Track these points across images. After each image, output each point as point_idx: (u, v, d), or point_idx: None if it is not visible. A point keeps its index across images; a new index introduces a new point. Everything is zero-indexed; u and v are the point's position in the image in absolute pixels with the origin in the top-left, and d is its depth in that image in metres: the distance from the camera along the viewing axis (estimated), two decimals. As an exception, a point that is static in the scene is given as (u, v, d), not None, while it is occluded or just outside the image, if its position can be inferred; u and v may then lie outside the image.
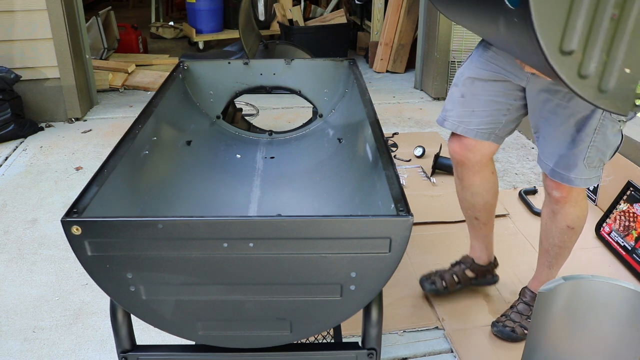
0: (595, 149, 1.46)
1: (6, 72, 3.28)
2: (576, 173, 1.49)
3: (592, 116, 1.41)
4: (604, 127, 1.43)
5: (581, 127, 1.43)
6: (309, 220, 0.92)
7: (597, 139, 1.44)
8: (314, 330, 1.08)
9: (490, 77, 1.55)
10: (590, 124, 1.43)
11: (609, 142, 1.46)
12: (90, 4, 6.46)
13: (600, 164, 1.50)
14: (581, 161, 1.47)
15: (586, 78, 1.12)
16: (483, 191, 1.73)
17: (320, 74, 1.94)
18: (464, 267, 1.88)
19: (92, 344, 1.77)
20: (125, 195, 1.21)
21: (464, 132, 1.62)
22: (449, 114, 1.64)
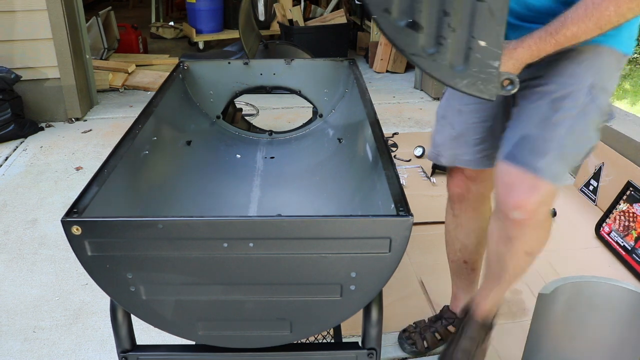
0: (574, 139, 1.21)
1: (6, 72, 3.28)
2: (546, 162, 1.19)
3: (574, 96, 1.20)
4: (587, 115, 1.21)
5: (559, 106, 1.20)
6: (309, 220, 0.92)
7: (577, 127, 1.20)
8: (314, 330, 1.08)
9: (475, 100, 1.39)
10: (571, 104, 1.20)
11: (589, 137, 1.23)
12: (90, 4, 6.46)
13: (573, 162, 1.25)
14: (555, 150, 1.20)
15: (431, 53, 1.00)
16: (478, 229, 1.60)
17: (320, 74, 1.94)
18: (446, 323, 1.72)
19: (92, 344, 1.77)
20: (126, 195, 1.21)
21: (463, 164, 1.49)
22: (441, 149, 1.51)
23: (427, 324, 1.75)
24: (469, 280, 1.68)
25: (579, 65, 1.21)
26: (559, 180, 1.22)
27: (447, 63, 1.01)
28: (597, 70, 1.21)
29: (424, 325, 1.75)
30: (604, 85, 1.22)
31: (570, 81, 1.21)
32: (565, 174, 1.24)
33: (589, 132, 1.23)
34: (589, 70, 1.21)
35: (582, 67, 1.21)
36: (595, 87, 1.20)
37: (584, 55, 1.21)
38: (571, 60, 1.22)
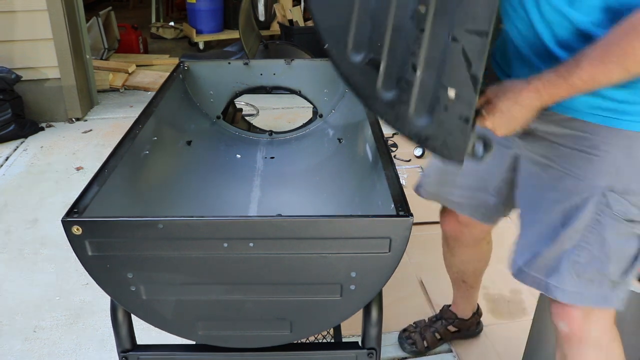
0: (588, 253, 1.05)
1: (7, 72, 3.28)
2: (556, 280, 1.08)
3: (584, 207, 1.03)
4: (601, 226, 1.03)
5: (568, 220, 1.06)
6: (309, 220, 0.92)
7: (591, 239, 1.04)
8: (314, 330, 1.08)
9: None
10: (580, 217, 1.04)
11: (610, 249, 1.04)
12: (91, 4, 6.46)
13: (604, 279, 1.06)
14: (565, 265, 1.07)
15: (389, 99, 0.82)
16: (475, 261, 1.57)
17: (320, 74, 1.94)
18: (446, 323, 1.73)
19: (93, 344, 1.77)
20: (126, 195, 1.21)
21: (447, 204, 1.42)
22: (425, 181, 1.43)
23: (427, 324, 1.76)
24: (468, 294, 1.69)
25: (590, 161, 1.02)
26: (581, 301, 1.07)
27: (407, 113, 0.84)
28: (617, 167, 1.01)
29: (424, 325, 1.76)
30: (628, 187, 1.01)
31: (581, 185, 1.04)
32: (594, 296, 1.07)
33: (608, 244, 1.04)
34: (605, 168, 1.02)
35: (595, 164, 1.02)
36: (615, 191, 1.01)
37: (601, 146, 1.01)
38: (584, 153, 1.03)
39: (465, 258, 1.57)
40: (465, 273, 1.61)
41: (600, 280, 1.06)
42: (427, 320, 1.78)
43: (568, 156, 1.06)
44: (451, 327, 1.73)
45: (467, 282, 1.64)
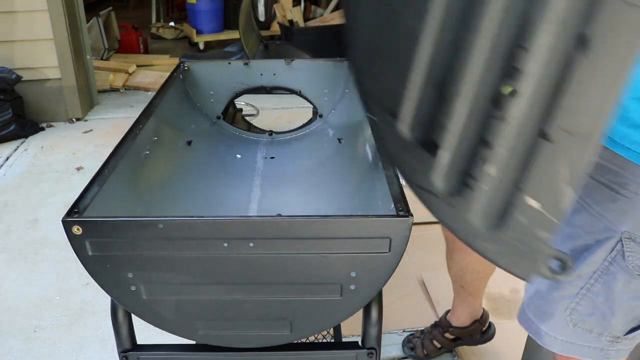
0: (590, 303, 0.93)
1: (7, 72, 3.28)
2: (549, 326, 0.98)
3: (595, 250, 0.90)
4: (610, 276, 0.90)
5: (577, 259, 0.93)
6: (309, 220, 0.92)
7: (596, 289, 0.92)
8: (314, 330, 1.08)
9: None
10: (588, 260, 0.91)
11: (617, 303, 0.92)
12: (91, 4, 6.46)
13: (604, 333, 0.95)
14: (561, 311, 0.96)
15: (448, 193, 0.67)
16: (474, 270, 1.51)
17: (320, 74, 1.94)
18: (442, 331, 1.69)
19: (93, 344, 1.77)
20: (126, 195, 1.21)
21: None
22: None
23: (429, 331, 1.73)
24: (466, 301, 1.64)
25: (613, 200, 0.88)
26: (571, 352, 0.97)
27: (470, 215, 0.68)
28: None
29: (427, 333, 1.74)
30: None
31: (597, 224, 0.90)
32: (588, 348, 0.96)
33: (616, 297, 0.91)
34: (629, 211, 0.87)
35: (619, 204, 0.87)
36: (635, 240, 0.87)
37: (631, 186, 0.86)
38: (609, 189, 0.88)
39: (463, 264, 1.53)
40: (463, 279, 1.57)
41: (599, 332, 0.95)
42: (430, 327, 1.76)
43: (591, 188, 0.92)
44: (448, 335, 1.69)
45: (465, 288, 1.60)
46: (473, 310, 1.66)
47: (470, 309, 1.65)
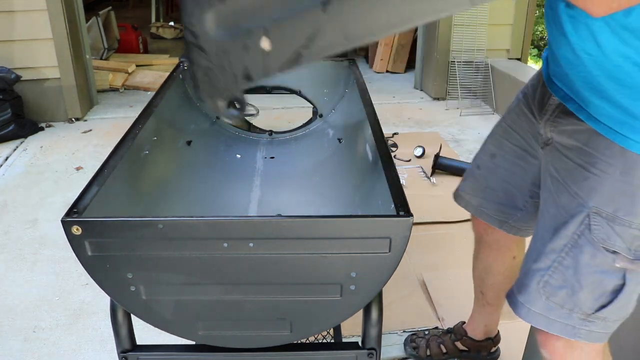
0: (561, 275, 1.00)
1: (6, 72, 3.28)
2: (525, 298, 1.05)
3: (567, 225, 0.99)
4: (578, 249, 0.98)
5: (553, 236, 1.02)
6: (309, 220, 0.92)
7: (566, 262, 1.00)
8: (314, 330, 1.08)
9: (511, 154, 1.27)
10: (561, 234, 1.00)
11: (583, 277, 0.98)
12: (91, 4, 6.46)
13: (574, 309, 1.00)
14: (535, 283, 1.03)
15: None
16: (496, 272, 1.50)
17: (320, 74, 1.94)
18: (455, 338, 1.68)
19: (93, 344, 1.77)
20: (126, 195, 1.21)
21: (474, 212, 1.40)
22: (461, 185, 1.42)
23: (437, 335, 1.72)
24: (485, 311, 1.61)
25: (585, 178, 0.99)
26: (542, 324, 1.03)
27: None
28: (610, 189, 0.96)
29: (434, 335, 1.73)
30: (615, 213, 0.95)
31: (573, 202, 1.00)
32: (558, 322, 1.02)
33: (581, 269, 0.98)
34: (597, 188, 0.97)
35: (589, 181, 0.98)
36: (600, 214, 0.96)
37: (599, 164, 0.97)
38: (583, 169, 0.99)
39: (487, 264, 1.50)
40: (485, 283, 1.54)
41: (570, 307, 1.01)
42: (440, 331, 1.74)
43: (570, 170, 1.03)
44: (459, 344, 1.67)
45: (485, 294, 1.57)
46: (489, 324, 1.64)
47: (486, 322, 1.63)
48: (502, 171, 1.30)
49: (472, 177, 1.38)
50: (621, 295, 0.98)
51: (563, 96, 1.05)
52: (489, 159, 1.33)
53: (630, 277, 0.98)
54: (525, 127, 1.22)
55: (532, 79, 1.25)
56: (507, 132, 1.28)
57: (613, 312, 1.00)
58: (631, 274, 0.98)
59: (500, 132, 1.31)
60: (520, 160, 1.25)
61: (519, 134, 1.25)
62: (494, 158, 1.31)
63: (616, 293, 0.98)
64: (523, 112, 1.23)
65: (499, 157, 1.30)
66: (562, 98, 1.06)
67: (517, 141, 1.25)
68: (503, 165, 1.29)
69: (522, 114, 1.24)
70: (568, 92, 1.04)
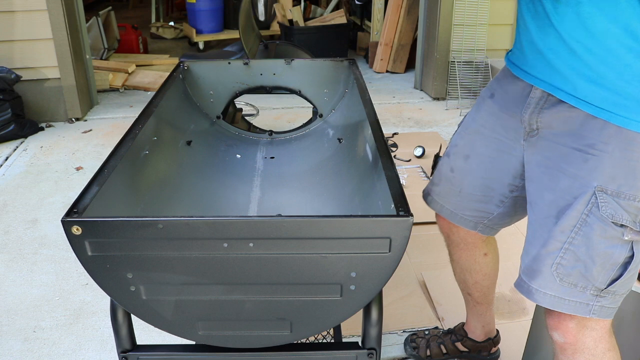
0: (573, 255, 1.03)
1: (6, 72, 3.28)
2: (539, 283, 1.07)
3: (573, 206, 1.02)
4: (588, 227, 1.01)
5: (558, 219, 1.04)
6: (309, 220, 0.92)
7: (577, 241, 1.02)
8: (314, 330, 1.08)
9: (487, 152, 1.27)
10: (568, 215, 1.03)
11: (595, 252, 1.01)
12: (91, 4, 6.46)
13: (587, 285, 1.04)
14: (548, 267, 1.05)
15: None
16: (472, 271, 1.50)
17: (320, 74, 1.94)
18: (455, 339, 1.67)
19: (93, 344, 1.77)
20: (126, 195, 1.21)
21: (447, 216, 1.38)
22: (433, 189, 1.40)
23: (437, 335, 1.72)
24: (476, 311, 1.61)
25: (585, 160, 1.02)
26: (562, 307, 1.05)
27: None
28: (612, 168, 0.99)
29: (434, 335, 1.72)
30: (620, 189, 0.99)
31: (574, 184, 1.03)
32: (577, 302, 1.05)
33: (594, 246, 1.01)
34: (599, 167, 1.00)
35: (590, 162, 1.01)
36: (606, 192, 1.00)
37: (598, 145, 1.00)
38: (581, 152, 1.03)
39: (463, 264, 1.51)
40: (467, 284, 1.54)
41: (584, 285, 1.04)
42: (440, 331, 1.74)
43: (565, 155, 1.06)
44: (460, 345, 1.67)
45: (472, 295, 1.57)
46: (487, 325, 1.64)
47: (482, 322, 1.63)
48: (478, 171, 1.30)
49: (445, 180, 1.37)
50: (630, 267, 1.03)
51: (547, 87, 1.07)
52: (463, 161, 1.32)
53: (637, 247, 1.02)
54: (499, 125, 1.23)
55: (498, 79, 1.26)
56: (479, 133, 1.28)
57: (622, 285, 1.04)
58: (638, 244, 1.02)
59: (471, 133, 1.31)
60: (496, 157, 1.26)
61: (493, 132, 1.25)
62: (467, 160, 1.31)
63: (626, 265, 1.02)
64: (494, 112, 1.24)
65: (473, 157, 1.30)
66: (547, 89, 1.07)
67: (491, 140, 1.26)
68: (478, 165, 1.29)
69: (493, 112, 1.25)
70: (553, 82, 1.05)
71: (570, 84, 1.03)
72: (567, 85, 1.03)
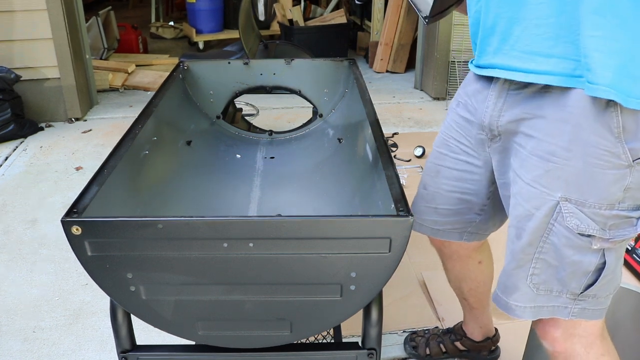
0: (544, 263, 1.01)
1: (6, 72, 3.28)
2: (516, 298, 1.05)
3: (536, 215, 0.99)
4: (554, 236, 0.98)
5: (521, 231, 1.02)
6: (309, 220, 0.92)
7: (545, 248, 1.00)
8: (314, 330, 1.08)
9: (455, 165, 1.24)
10: (535, 227, 0.99)
11: (565, 261, 0.99)
12: (90, 3, 6.45)
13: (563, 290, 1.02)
14: (523, 280, 1.03)
15: None
16: (467, 279, 1.48)
17: (320, 74, 1.94)
18: (454, 339, 1.67)
19: (92, 344, 1.77)
20: (126, 195, 1.21)
21: (430, 234, 1.35)
22: (413, 208, 1.36)
23: (437, 334, 1.72)
24: (473, 314, 1.61)
25: (547, 171, 0.96)
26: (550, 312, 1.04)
27: None
28: (574, 176, 0.94)
29: (434, 334, 1.72)
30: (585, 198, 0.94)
31: (534, 192, 0.99)
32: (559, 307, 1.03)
33: (564, 255, 0.99)
34: (560, 178, 0.95)
35: (552, 174, 0.96)
36: (570, 201, 0.95)
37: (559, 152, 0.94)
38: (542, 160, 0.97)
39: (457, 274, 1.49)
40: (462, 291, 1.53)
41: (559, 290, 1.02)
42: (439, 330, 1.74)
43: (525, 160, 1.01)
44: (459, 344, 1.67)
45: (468, 300, 1.56)
46: (484, 326, 1.63)
47: (480, 324, 1.63)
48: (448, 187, 1.27)
49: (420, 198, 1.35)
50: (605, 272, 0.99)
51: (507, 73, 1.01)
52: (434, 176, 1.29)
53: (609, 254, 0.98)
54: (464, 136, 1.20)
55: (462, 85, 1.23)
56: (447, 146, 1.25)
57: (601, 289, 1.01)
58: (609, 252, 0.98)
59: (440, 146, 1.29)
60: (466, 169, 1.23)
61: (459, 144, 1.22)
62: (438, 175, 1.28)
63: (599, 271, 0.99)
64: (459, 122, 1.21)
65: (443, 172, 1.27)
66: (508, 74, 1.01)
67: (458, 152, 1.23)
68: (449, 179, 1.26)
69: (458, 123, 1.22)
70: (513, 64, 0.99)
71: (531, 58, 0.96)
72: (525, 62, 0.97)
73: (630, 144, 0.90)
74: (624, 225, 0.96)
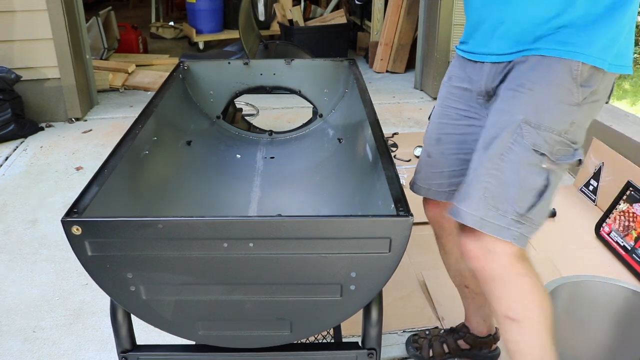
0: (498, 179, 1.11)
1: (6, 72, 3.28)
2: (466, 204, 1.13)
3: (500, 136, 1.12)
4: (513, 153, 1.10)
5: (487, 150, 1.14)
6: (309, 220, 0.92)
7: (502, 166, 1.11)
8: (314, 330, 1.08)
9: (455, 130, 1.34)
10: (496, 144, 1.13)
11: (519, 176, 1.11)
12: (91, 4, 6.46)
13: (509, 209, 1.11)
14: (477, 190, 1.12)
15: None
16: None
17: (320, 74, 1.94)
18: (458, 337, 1.66)
19: (93, 344, 1.77)
20: (126, 195, 1.21)
21: (435, 196, 1.41)
22: (417, 177, 1.43)
23: (440, 335, 1.71)
24: (476, 303, 1.60)
25: (515, 97, 1.14)
26: (487, 227, 1.10)
27: None
28: (536, 103, 1.11)
29: (436, 335, 1.72)
30: (541, 122, 1.10)
31: (502, 117, 1.14)
32: (501, 226, 1.11)
33: (519, 173, 1.10)
34: (523, 101, 1.12)
35: (517, 100, 1.13)
36: (529, 124, 1.10)
37: (527, 84, 1.12)
38: (513, 91, 1.14)
39: (457, 255, 1.50)
40: (463, 274, 1.52)
41: (505, 209, 1.11)
42: (442, 331, 1.73)
43: (502, 97, 1.17)
44: (462, 342, 1.66)
45: (470, 286, 1.54)
46: (487, 318, 1.62)
47: (483, 316, 1.61)
48: (452, 149, 1.36)
49: (425, 166, 1.42)
50: (545, 195, 1.12)
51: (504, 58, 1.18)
52: (436, 144, 1.38)
53: (551, 177, 1.12)
54: (461, 102, 1.33)
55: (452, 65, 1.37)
56: (445, 115, 1.36)
57: (538, 213, 1.12)
58: (552, 175, 1.12)
59: (438, 117, 1.38)
60: (467, 132, 1.33)
61: (457, 111, 1.33)
62: (439, 142, 1.38)
63: (542, 193, 1.11)
64: (454, 92, 1.34)
65: (444, 138, 1.36)
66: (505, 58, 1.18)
67: (457, 118, 1.34)
68: (451, 143, 1.36)
69: (453, 93, 1.34)
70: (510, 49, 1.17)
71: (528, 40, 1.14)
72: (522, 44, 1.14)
73: (583, 88, 1.09)
74: (565, 152, 1.12)
